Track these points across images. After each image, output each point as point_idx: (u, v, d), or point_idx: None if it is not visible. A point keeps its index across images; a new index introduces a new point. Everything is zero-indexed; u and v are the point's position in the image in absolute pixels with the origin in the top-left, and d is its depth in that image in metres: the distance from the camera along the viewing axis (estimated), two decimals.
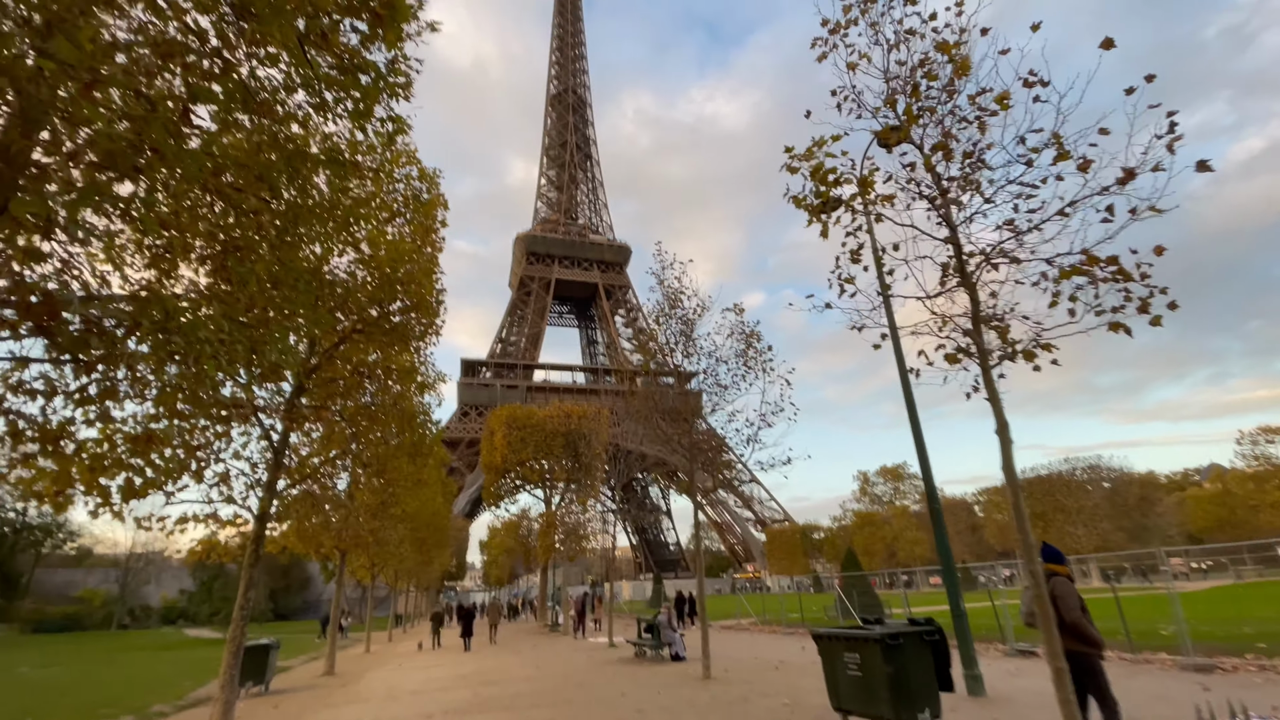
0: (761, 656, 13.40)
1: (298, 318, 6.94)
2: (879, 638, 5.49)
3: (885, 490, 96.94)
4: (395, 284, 9.54)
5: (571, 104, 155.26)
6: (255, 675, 12.37)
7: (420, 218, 11.10)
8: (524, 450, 28.64)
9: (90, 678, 17.31)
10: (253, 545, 9.05)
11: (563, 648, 18.51)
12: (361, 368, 10.69)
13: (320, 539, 13.92)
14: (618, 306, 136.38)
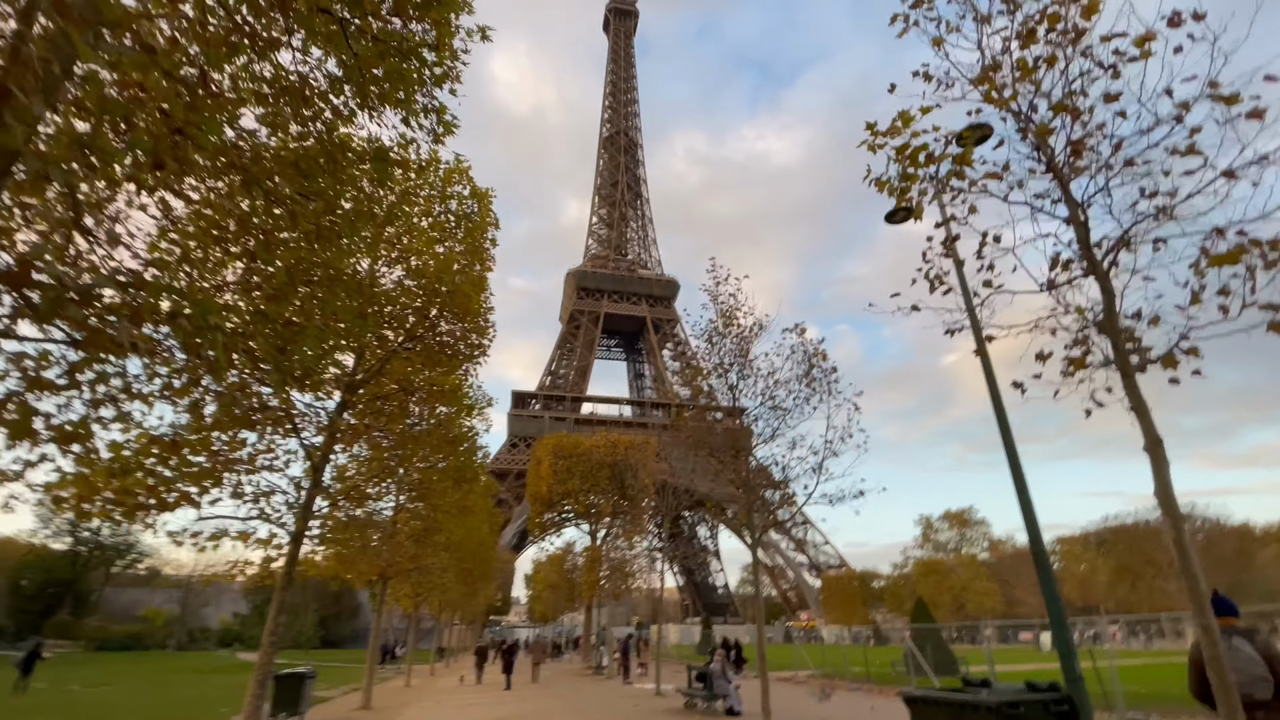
0: (828, 717, 12.00)
1: (338, 323, 6.62)
2: (994, 705, 4.44)
3: (950, 537, 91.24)
4: (442, 297, 9.22)
5: (623, 145, 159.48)
6: (289, 705, 11.89)
7: (471, 238, 10.84)
8: (570, 480, 28.02)
9: (135, 699, 17.33)
10: (285, 567, 8.65)
11: (607, 693, 17.38)
12: (407, 386, 10.36)
13: (360, 564, 13.54)
14: (665, 340, 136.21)
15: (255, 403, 7.74)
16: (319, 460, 9.19)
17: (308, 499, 8.97)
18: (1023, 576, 67.60)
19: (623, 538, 27.67)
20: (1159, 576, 48.58)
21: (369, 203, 6.51)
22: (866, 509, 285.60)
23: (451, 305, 9.39)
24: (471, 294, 9.61)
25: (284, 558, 8.75)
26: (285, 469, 9.06)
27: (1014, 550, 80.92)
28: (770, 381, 10.59)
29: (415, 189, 9.85)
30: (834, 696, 16.15)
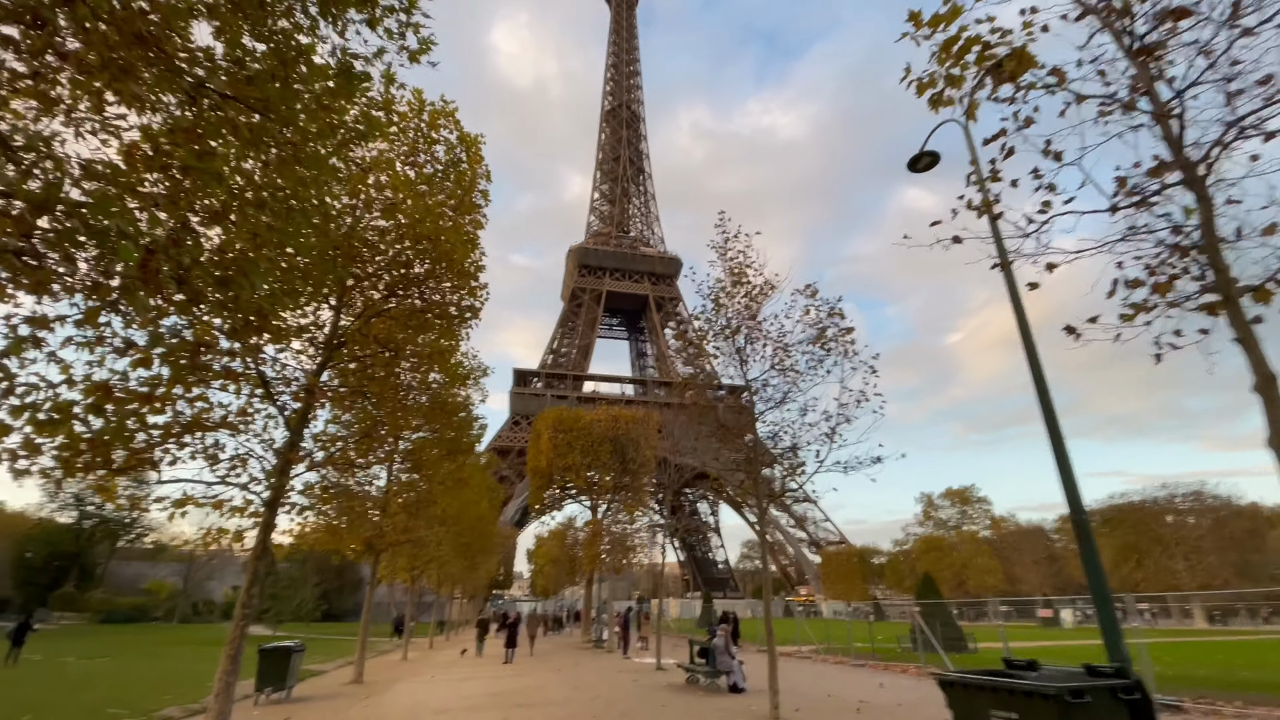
0: (836, 694, 11.52)
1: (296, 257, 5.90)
2: (1053, 692, 3.80)
3: (951, 514, 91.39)
4: (425, 245, 8.46)
5: (625, 119, 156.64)
6: (275, 680, 11.45)
7: (459, 189, 10.00)
8: (570, 454, 27.50)
9: (127, 671, 17.02)
10: (259, 536, 8.06)
11: (606, 667, 17.00)
12: (392, 346, 9.64)
13: (348, 535, 13.01)
14: (668, 319, 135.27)
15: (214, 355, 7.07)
16: (295, 423, 8.54)
17: (283, 464, 8.33)
18: (1024, 553, 67.65)
19: (624, 511, 27.23)
20: (1166, 555, 48.29)
21: (334, 125, 5.72)
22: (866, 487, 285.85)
23: (435, 255, 8.62)
24: (457, 244, 8.84)
25: (257, 526, 8.15)
26: (262, 433, 8.42)
27: (1015, 528, 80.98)
28: (781, 344, 9.87)
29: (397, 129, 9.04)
30: (839, 672, 15.75)
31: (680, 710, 9.71)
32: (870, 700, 10.51)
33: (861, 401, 9.16)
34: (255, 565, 7.99)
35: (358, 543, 13.53)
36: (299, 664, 12.17)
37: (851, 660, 18.16)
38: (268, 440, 8.44)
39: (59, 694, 12.45)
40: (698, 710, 9.70)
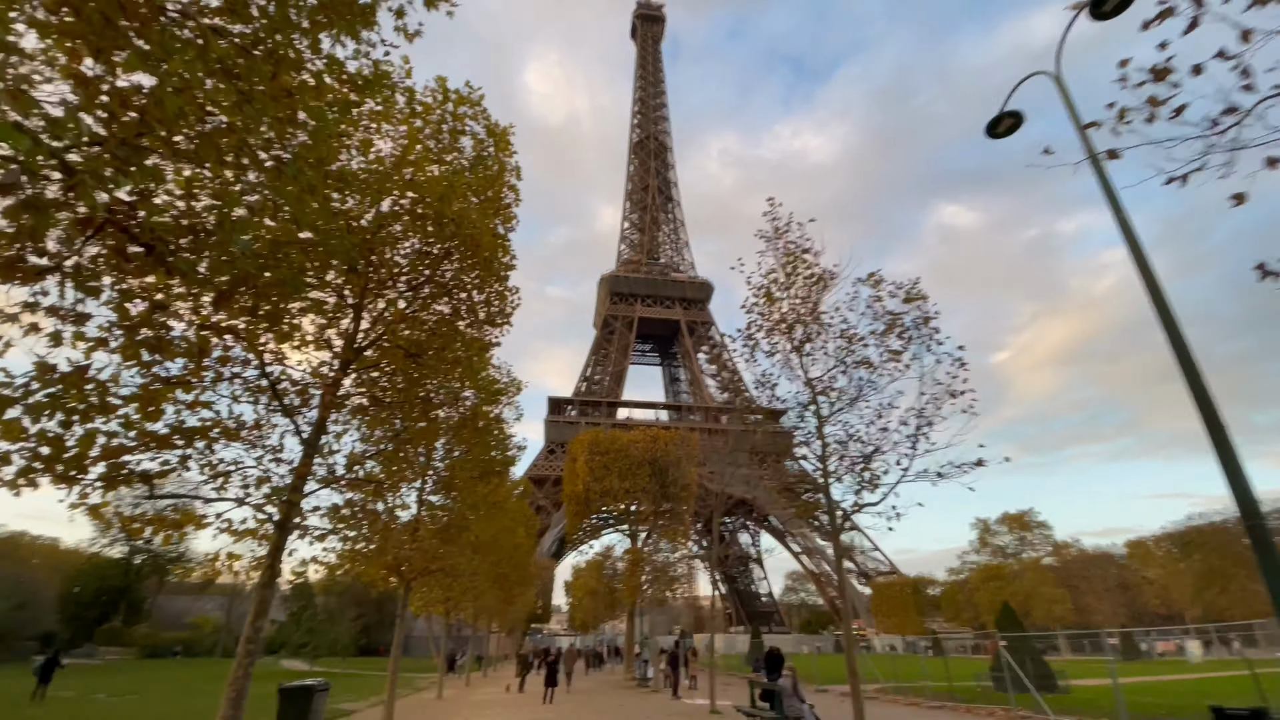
0: None
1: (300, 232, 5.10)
2: None
3: (1009, 541, 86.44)
4: (448, 227, 7.60)
5: (653, 149, 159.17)
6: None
7: (487, 187, 9.20)
8: (607, 478, 26.32)
9: (152, 709, 16.34)
10: (268, 560, 7.15)
11: (654, 710, 15.53)
12: (417, 351, 8.81)
13: (375, 562, 12.09)
14: (700, 343, 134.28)
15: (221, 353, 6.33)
16: (311, 436, 7.70)
17: (296, 480, 7.47)
18: (1094, 581, 62.78)
19: (665, 539, 25.81)
20: (1252, 579, 43.75)
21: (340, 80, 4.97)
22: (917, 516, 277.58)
23: (461, 243, 7.75)
24: (485, 234, 7.96)
25: (267, 549, 7.27)
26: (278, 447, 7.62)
27: (1080, 554, 75.57)
28: (849, 335, 8.69)
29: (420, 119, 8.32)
30: (918, 717, 13.95)
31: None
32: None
33: (954, 396, 7.85)
34: (261, 594, 7.06)
35: (385, 569, 12.59)
36: (323, 704, 11.18)
37: (927, 701, 16.25)
38: (280, 454, 7.63)
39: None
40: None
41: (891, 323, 8.48)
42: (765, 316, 9.43)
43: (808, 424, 9.05)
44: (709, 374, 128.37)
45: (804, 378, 9.05)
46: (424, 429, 9.94)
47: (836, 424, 8.80)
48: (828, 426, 8.70)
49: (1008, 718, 13.46)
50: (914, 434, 7.94)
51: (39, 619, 54.40)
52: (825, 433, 8.68)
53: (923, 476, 7.94)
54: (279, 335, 6.57)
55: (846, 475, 8.30)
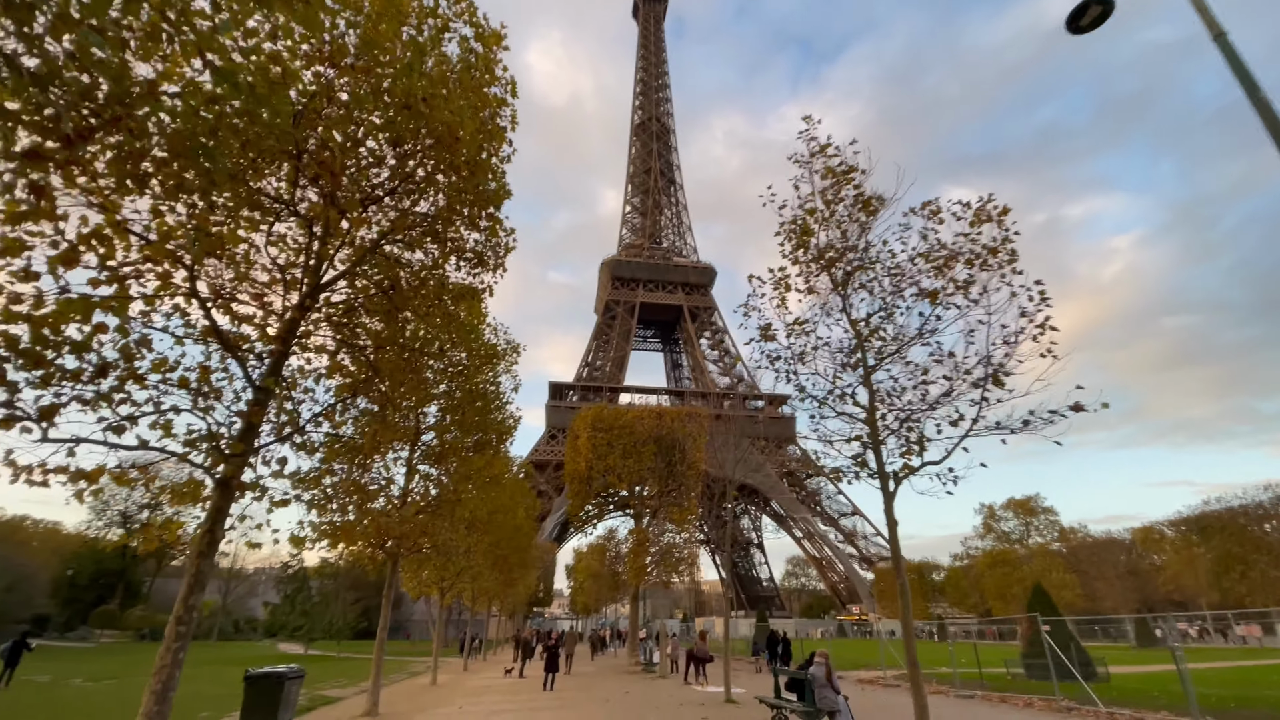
0: None
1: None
2: None
3: (1014, 526, 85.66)
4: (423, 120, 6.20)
5: (655, 131, 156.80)
6: (264, 713, 9.28)
7: (470, 89, 7.74)
8: (611, 455, 25.08)
9: (124, 696, 15.24)
10: (207, 526, 5.89)
11: (664, 698, 14.40)
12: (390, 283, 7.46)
13: (356, 535, 10.87)
14: (703, 329, 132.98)
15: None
16: (265, 379, 6.40)
17: (244, 432, 6.19)
18: (1104, 568, 61.83)
19: (670, 520, 24.63)
20: (1275, 565, 42.69)
21: None
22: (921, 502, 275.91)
23: (430, 128, 6.26)
24: (462, 116, 6.45)
25: (206, 512, 6.01)
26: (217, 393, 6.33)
27: (1089, 539, 74.60)
28: (899, 274, 7.34)
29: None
30: (952, 708, 12.79)
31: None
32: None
33: (1033, 336, 6.52)
34: (197, 565, 5.80)
35: (368, 543, 11.39)
36: (296, 692, 10.00)
37: (956, 689, 15.11)
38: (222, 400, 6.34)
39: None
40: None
41: (954, 252, 7.12)
42: (799, 252, 8.09)
43: (846, 381, 7.74)
44: (711, 360, 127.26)
45: (848, 320, 7.74)
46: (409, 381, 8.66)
47: (884, 377, 7.51)
48: (877, 374, 7.40)
49: (1052, 708, 12.31)
50: (984, 379, 6.62)
51: (31, 601, 53.73)
52: (873, 382, 7.37)
53: (994, 431, 6.64)
54: (207, 243, 5.25)
55: (905, 428, 6.98)
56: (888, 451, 7.08)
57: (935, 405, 6.81)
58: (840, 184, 7.78)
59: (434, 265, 7.77)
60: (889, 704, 13.54)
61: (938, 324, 6.99)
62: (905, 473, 7.10)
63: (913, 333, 7.10)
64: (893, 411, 7.23)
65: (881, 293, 7.53)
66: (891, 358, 7.38)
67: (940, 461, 6.70)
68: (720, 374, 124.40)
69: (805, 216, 8.16)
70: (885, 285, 7.49)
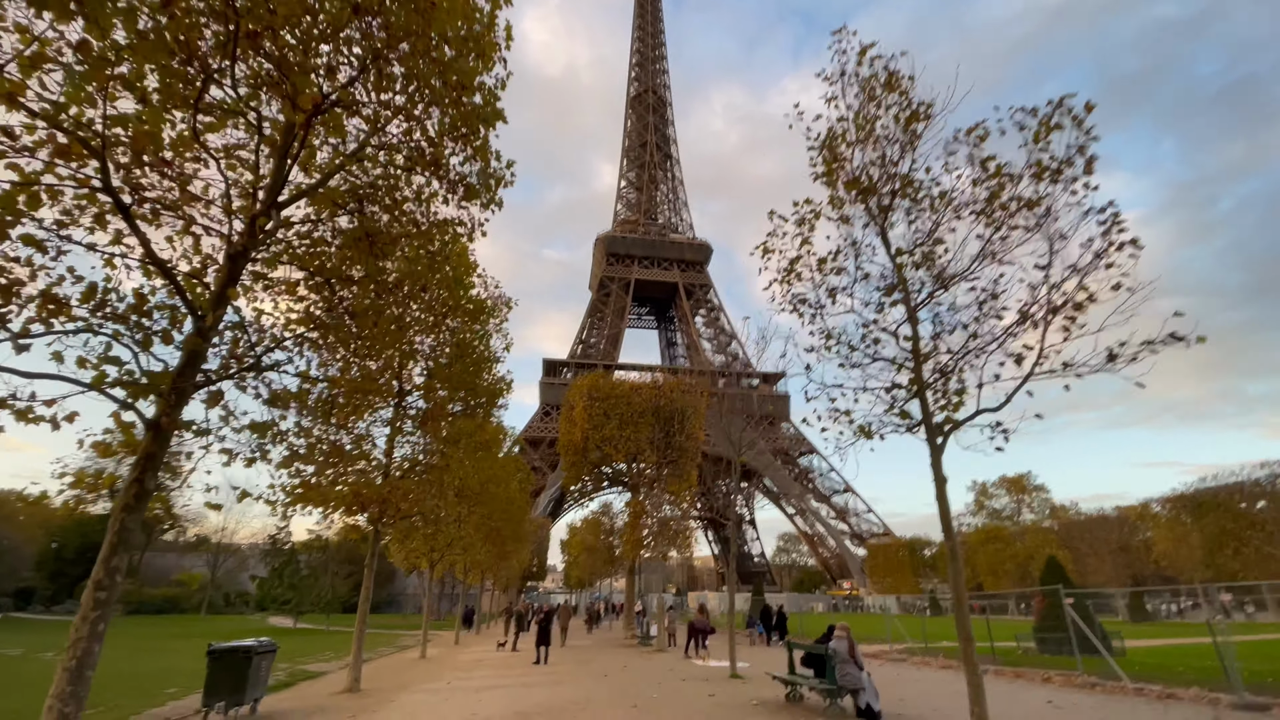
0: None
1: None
2: None
3: (1005, 504, 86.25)
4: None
5: (651, 104, 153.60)
6: (230, 691, 8.43)
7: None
8: (607, 426, 24.21)
9: (106, 670, 14.44)
10: (135, 474, 4.92)
11: (665, 673, 13.71)
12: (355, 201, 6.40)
13: (332, 498, 9.96)
14: (698, 307, 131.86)
15: None
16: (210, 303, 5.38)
17: (184, 363, 5.20)
18: (1098, 544, 62.14)
19: (669, 490, 23.88)
20: (1270, 542, 42.66)
21: None
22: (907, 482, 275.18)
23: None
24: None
25: (133, 458, 5.04)
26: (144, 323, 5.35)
27: (1081, 517, 75.03)
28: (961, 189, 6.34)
29: None
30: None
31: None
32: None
33: (1106, 264, 5.56)
34: (121, 521, 4.86)
35: (345, 507, 10.47)
36: (267, 668, 9.16)
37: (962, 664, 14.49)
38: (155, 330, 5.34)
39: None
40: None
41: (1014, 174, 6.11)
42: (833, 174, 7.07)
43: (884, 321, 6.80)
44: (706, 338, 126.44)
45: (887, 253, 6.77)
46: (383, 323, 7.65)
47: (927, 316, 6.58)
48: (922, 312, 6.46)
49: (1073, 683, 11.68)
50: (1045, 314, 5.68)
51: (16, 574, 53.03)
52: (918, 320, 6.43)
53: (1056, 375, 5.72)
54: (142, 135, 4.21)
55: (958, 371, 6.06)
56: (934, 399, 6.18)
57: (993, 344, 5.88)
58: (887, 88, 6.72)
59: (406, 169, 6.70)
60: (904, 678, 12.90)
61: (999, 246, 6.01)
62: (949, 425, 6.20)
63: (966, 262, 6.14)
64: (941, 355, 6.31)
65: (927, 219, 6.55)
66: (939, 293, 6.43)
67: (999, 408, 5.79)
68: (715, 352, 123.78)
69: (839, 137, 7.13)
70: (933, 210, 6.50)
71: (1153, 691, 10.48)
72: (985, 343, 6.02)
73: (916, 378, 6.25)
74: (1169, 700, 9.98)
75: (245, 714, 8.86)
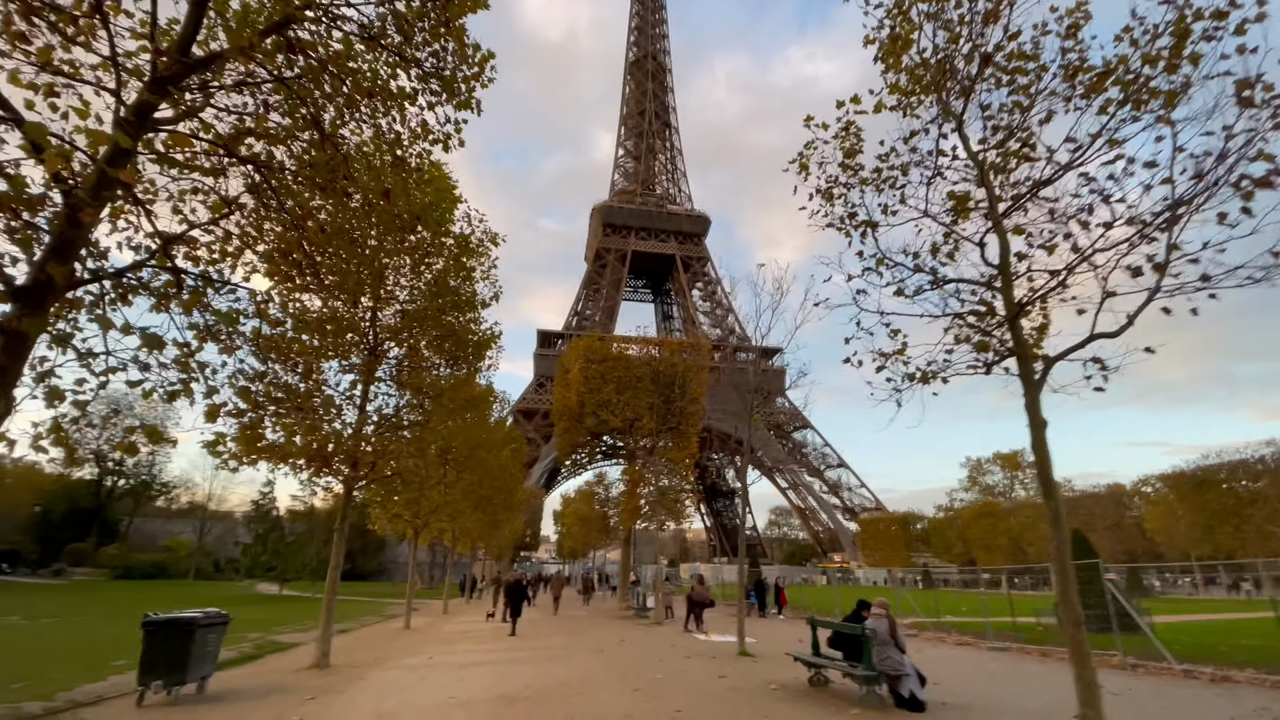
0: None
1: None
2: None
3: (999, 480, 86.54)
4: None
5: (650, 71, 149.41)
6: (170, 668, 7.27)
7: None
8: (604, 389, 22.98)
9: (56, 636, 13.38)
10: None
11: (667, 649, 12.71)
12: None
13: (293, 450, 8.69)
14: (695, 280, 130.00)
15: None
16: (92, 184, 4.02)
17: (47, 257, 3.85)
18: (1094, 519, 62.02)
19: (669, 457, 22.79)
20: (1271, 520, 42.35)
21: None
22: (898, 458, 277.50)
23: None
24: None
25: None
26: None
27: (1075, 494, 75.15)
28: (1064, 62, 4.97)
29: None
30: (996, 663, 11.17)
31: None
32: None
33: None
34: None
35: (310, 461, 9.22)
36: (216, 642, 7.98)
37: (988, 641, 13.59)
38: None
39: None
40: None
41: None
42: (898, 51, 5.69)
43: (959, 233, 5.51)
44: (703, 311, 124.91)
45: (966, 149, 5.44)
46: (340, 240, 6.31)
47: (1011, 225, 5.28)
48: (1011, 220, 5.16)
49: (1111, 664, 10.72)
50: (1171, 211, 4.38)
51: (3, 536, 52.20)
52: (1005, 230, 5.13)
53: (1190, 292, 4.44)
54: None
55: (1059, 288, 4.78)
56: (1028, 327, 4.93)
57: (1110, 250, 4.58)
58: None
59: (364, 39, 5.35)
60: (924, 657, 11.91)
61: (1119, 129, 4.67)
62: (1038, 359, 4.94)
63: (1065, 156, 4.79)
64: (1035, 271, 5.02)
65: (1017, 105, 5.19)
66: (1031, 196, 5.11)
67: (1118, 332, 4.52)
68: (712, 326, 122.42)
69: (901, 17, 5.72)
70: (1027, 91, 5.13)
71: (1204, 674, 9.51)
72: (1093, 251, 4.73)
73: (1007, 300, 4.97)
74: (1224, 684, 9.01)
75: (191, 694, 7.73)
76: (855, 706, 6.77)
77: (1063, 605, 4.41)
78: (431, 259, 11.03)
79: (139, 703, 7.19)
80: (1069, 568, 4.40)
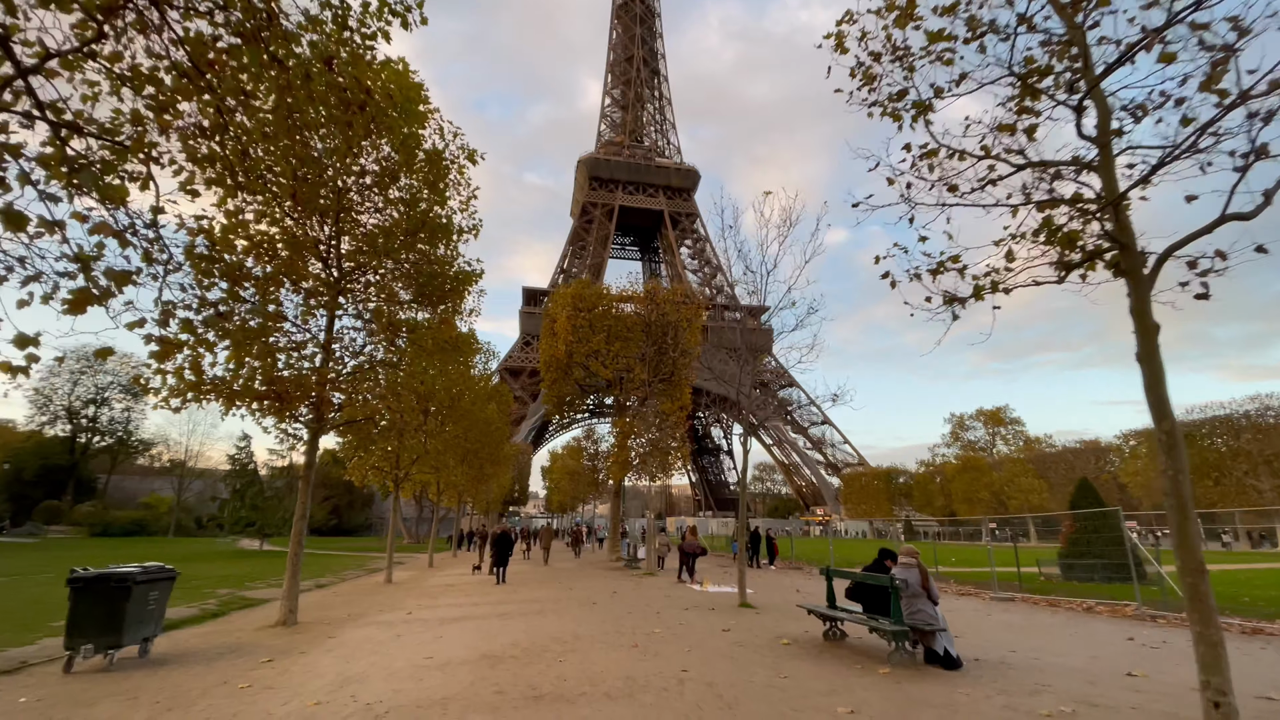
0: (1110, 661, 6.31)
1: None
2: None
3: (981, 436, 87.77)
4: None
5: (639, 14, 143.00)
6: (102, 631, 6.35)
7: None
8: (594, 339, 21.93)
9: (7, 599, 12.48)
10: None
11: (664, 601, 12.09)
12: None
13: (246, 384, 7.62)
14: (684, 236, 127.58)
15: None
16: None
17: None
18: (1076, 473, 63.17)
19: (662, 408, 22.00)
20: (1251, 474, 43.09)
21: None
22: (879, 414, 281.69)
23: None
24: None
25: None
26: None
27: (1056, 449, 76.53)
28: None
29: None
30: (1013, 615, 10.68)
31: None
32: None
33: None
34: None
35: (268, 401, 8.16)
36: (160, 600, 7.06)
37: (993, 593, 13.18)
38: None
39: None
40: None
41: None
42: None
43: (1037, 106, 4.45)
44: (692, 269, 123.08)
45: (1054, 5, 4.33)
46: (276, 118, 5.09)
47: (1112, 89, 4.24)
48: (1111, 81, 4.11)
49: (1127, 615, 10.27)
50: None
51: None
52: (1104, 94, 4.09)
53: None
54: None
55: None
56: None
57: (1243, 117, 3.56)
58: None
59: None
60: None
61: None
62: (1152, 257, 3.98)
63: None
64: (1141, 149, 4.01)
65: None
66: (1142, 47, 4.05)
67: (1253, 214, 3.55)
68: (701, 284, 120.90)
69: None
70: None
71: (1233, 626, 9.03)
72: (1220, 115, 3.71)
73: (1107, 181, 3.97)
74: (1260, 635, 8.53)
75: (132, 657, 6.85)
76: (882, 664, 6.06)
77: (1181, 550, 3.58)
78: (400, 171, 9.74)
79: (66, 669, 6.28)
80: (1188, 505, 3.55)
